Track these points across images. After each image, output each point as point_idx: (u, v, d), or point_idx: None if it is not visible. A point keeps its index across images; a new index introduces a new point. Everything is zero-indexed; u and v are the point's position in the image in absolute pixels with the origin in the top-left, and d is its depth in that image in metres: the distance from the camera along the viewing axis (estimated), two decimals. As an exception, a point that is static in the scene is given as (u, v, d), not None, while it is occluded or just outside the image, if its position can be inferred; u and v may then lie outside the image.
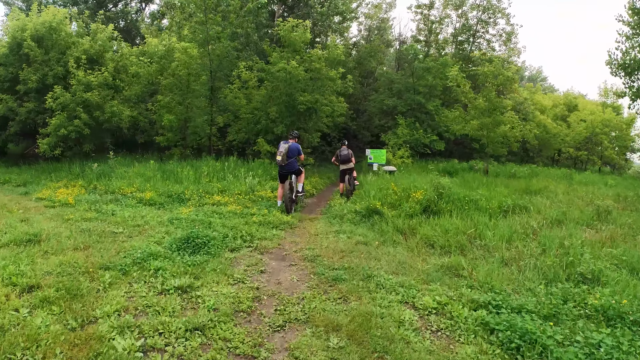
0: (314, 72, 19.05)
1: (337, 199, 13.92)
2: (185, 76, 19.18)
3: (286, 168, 11.34)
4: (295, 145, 11.47)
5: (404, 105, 28.29)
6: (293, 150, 11.35)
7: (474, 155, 31.46)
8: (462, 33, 36.10)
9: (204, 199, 12.25)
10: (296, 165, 11.53)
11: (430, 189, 11.46)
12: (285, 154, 11.20)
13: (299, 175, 12.00)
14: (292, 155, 11.35)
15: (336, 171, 25.54)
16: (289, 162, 11.33)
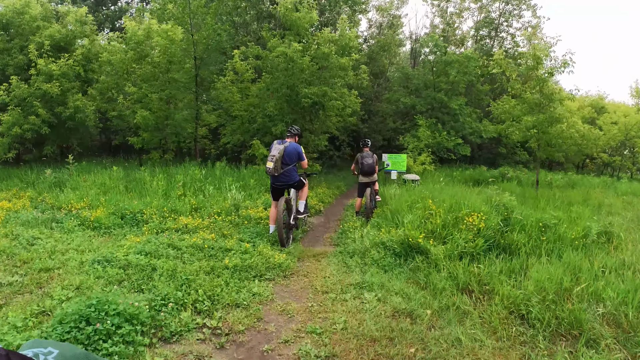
0: (321, 59, 15.61)
1: (352, 218, 10.49)
2: (164, 64, 15.79)
3: (281, 179, 7.98)
4: (295, 146, 8.06)
5: (424, 104, 24.79)
6: (291, 153, 7.97)
7: (499, 161, 27.96)
8: (483, 27, 32.60)
9: (167, 222, 8.82)
10: (296, 175, 8.15)
11: (491, 212, 7.99)
12: (279, 159, 7.81)
13: (301, 189, 8.61)
14: (290, 160, 7.98)
15: (348, 177, 22.24)
16: (286, 171, 7.95)
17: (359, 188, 10.71)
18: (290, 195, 8.52)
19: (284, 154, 7.85)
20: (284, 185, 8.00)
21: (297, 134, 8.30)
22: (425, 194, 10.96)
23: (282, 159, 7.84)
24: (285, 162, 7.87)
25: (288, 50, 14.72)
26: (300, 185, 8.34)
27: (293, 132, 8.25)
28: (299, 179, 8.15)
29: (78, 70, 17.24)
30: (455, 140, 22.66)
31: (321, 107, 16.53)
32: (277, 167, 7.73)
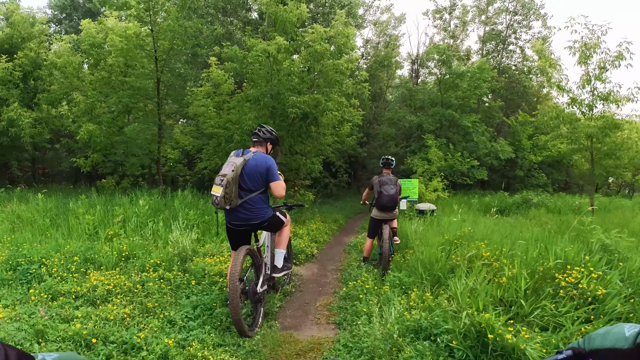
0: (313, 60, 12.49)
1: (359, 268, 7.17)
2: (120, 67, 12.66)
3: (241, 215, 4.72)
4: (262, 159, 4.78)
5: (432, 122, 21.69)
6: (255, 171, 4.73)
7: (513, 185, 24.83)
8: (489, 40, 29.90)
9: (70, 281, 5.56)
10: (266, 209, 4.85)
11: (596, 262, 4.80)
12: (233, 182, 4.57)
13: (278, 230, 5.29)
14: (254, 183, 4.73)
15: (346, 208, 18.71)
16: (248, 202, 4.70)
17: (372, 226, 7.43)
18: (260, 241, 5.26)
19: (242, 172, 4.66)
20: (246, 226, 4.76)
21: (269, 139, 5.05)
22: (464, 232, 7.70)
23: (239, 182, 4.63)
24: (245, 187, 4.67)
25: (270, 48, 11.58)
26: (275, 224, 5.06)
27: (262, 137, 5.01)
28: (271, 215, 4.88)
29: (17, 76, 14.06)
30: (470, 162, 19.49)
31: (313, 121, 13.35)
32: (229, 195, 4.52)
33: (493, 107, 24.60)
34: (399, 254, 7.54)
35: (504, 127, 27.46)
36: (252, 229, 4.80)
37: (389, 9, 32.07)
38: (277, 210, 5.15)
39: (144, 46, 12.08)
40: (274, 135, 5.06)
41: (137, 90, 12.30)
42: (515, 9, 28.94)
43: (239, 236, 4.83)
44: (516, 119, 25.12)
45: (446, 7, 30.41)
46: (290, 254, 6.18)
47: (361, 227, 14.01)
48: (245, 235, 4.85)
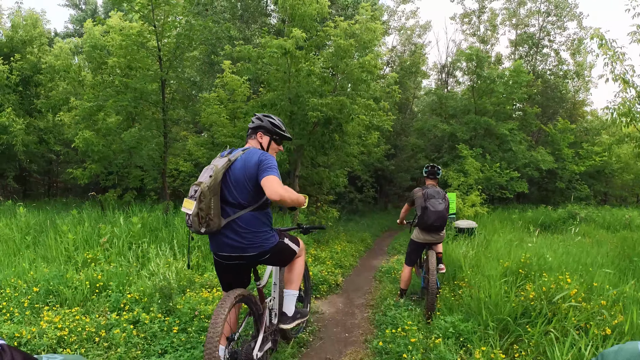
0: (336, 55, 11.01)
1: (398, 307, 5.56)
2: (122, 69, 11.43)
3: (228, 242, 3.16)
4: (253, 154, 3.24)
5: (466, 130, 19.96)
6: (243, 174, 3.18)
7: (553, 198, 22.81)
8: (521, 44, 28.04)
9: (18, 320, 4.19)
10: (266, 235, 3.25)
11: None
12: (210, 192, 3.05)
13: (288, 262, 3.69)
14: (245, 195, 3.18)
15: (373, 225, 17.00)
16: (235, 223, 3.15)
17: (412, 251, 5.85)
18: (264, 279, 3.76)
19: (226, 178, 3.20)
20: (238, 259, 3.23)
21: (261, 127, 3.49)
22: (528, 258, 6.06)
23: (221, 192, 3.16)
24: (232, 200, 3.18)
25: (287, 44, 10.15)
26: (282, 255, 3.52)
27: (259, 126, 3.49)
28: (276, 242, 3.32)
29: (14, 80, 12.96)
30: (510, 174, 17.68)
31: (337, 128, 11.84)
32: (205, 212, 3.05)
33: (529, 114, 22.74)
34: (446, 286, 5.94)
35: (541, 136, 25.56)
36: (248, 263, 3.29)
37: (414, 13, 30.65)
38: (285, 235, 3.61)
39: (146, 44, 10.78)
40: (267, 122, 3.48)
41: (139, 94, 10.99)
42: (547, 9, 27.15)
43: (231, 273, 3.34)
44: (555, 126, 23.20)
45: (474, 10, 28.80)
46: (307, 292, 4.63)
47: (391, 247, 12.40)
48: (239, 271, 3.35)
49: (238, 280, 3.37)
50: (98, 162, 11.73)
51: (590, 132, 25.52)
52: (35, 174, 18.89)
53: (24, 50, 14.92)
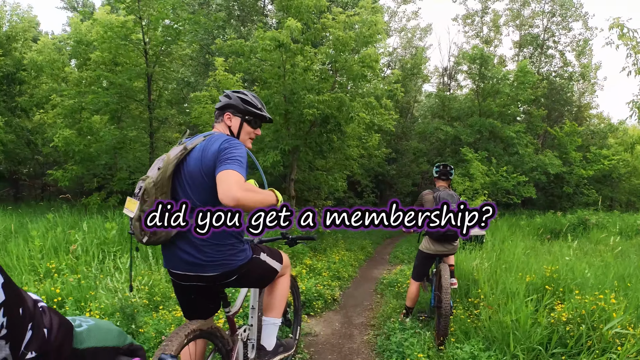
0: (335, 48, 10.25)
1: (404, 329, 4.74)
2: (107, 63, 10.68)
3: (183, 259, 2.35)
4: (215, 140, 2.37)
5: (470, 133, 19.18)
6: (200, 165, 2.34)
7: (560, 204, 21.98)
8: (525, 45, 27.32)
9: None
10: (235, 249, 2.42)
11: None
12: (153, 190, 2.27)
13: (267, 283, 2.88)
14: (204, 194, 2.34)
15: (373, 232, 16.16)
16: (191, 230, 2.29)
17: (420, 264, 5.02)
18: (236, 304, 2.97)
19: (181, 172, 2.41)
20: (197, 280, 2.42)
21: (228, 105, 2.63)
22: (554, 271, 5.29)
23: (172, 191, 2.38)
24: (191, 196, 2.37)
25: (281, 36, 9.40)
26: (259, 275, 2.70)
27: (226, 105, 2.63)
28: (249, 259, 2.50)
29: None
30: (517, 178, 16.89)
31: (335, 128, 11.08)
32: (138, 212, 2.32)
33: (536, 117, 21.99)
34: (459, 304, 5.15)
35: (547, 139, 24.82)
36: (212, 285, 2.50)
37: (416, 14, 30.03)
38: (263, 248, 2.78)
39: (130, 36, 10.02)
40: (236, 98, 2.62)
41: (123, 91, 10.22)
42: (552, 10, 26.45)
43: (191, 297, 2.55)
44: (561, 129, 22.45)
45: (477, 10, 28.13)
46: (297, 315, 3.83)
47: (393, 255, 11.60)
48: (201, 295, 2.56)
49: (201, 306, 2.59)
50: (80, 164, 10.95)
51: (597, 135, 24.79)
52: (24, 176, 18.13)
53: (9, 46, 14.20)
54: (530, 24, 27.33)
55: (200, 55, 20.02)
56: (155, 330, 3.90)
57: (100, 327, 1.03)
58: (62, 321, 0.91)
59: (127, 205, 2.34)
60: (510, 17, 28.27)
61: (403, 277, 7.46)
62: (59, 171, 10.95)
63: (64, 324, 0.91)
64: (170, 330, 3.96)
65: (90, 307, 4.45)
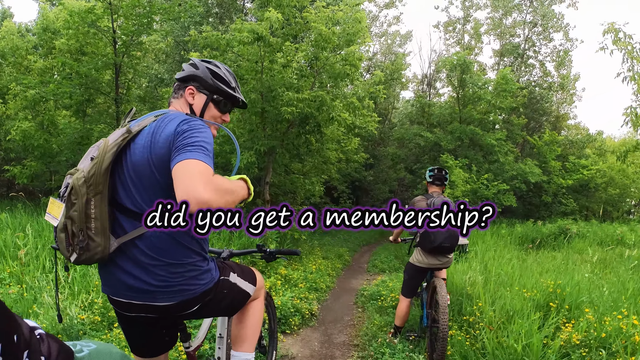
0: (317, 45, 9.71)
1: (393, 353, 4.19)
2: (73, 52, 9.96)
3: (125, 283, 1.76)
4: (170, 120, 1.78)
5: (451, 140, 18.87)
6: (149, 154, 1.73)
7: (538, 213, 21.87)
8: (507, 54, 27.32)
9: None
10: (195, 269, 1.83)
11: None
12: (83, 190, 1.67)
13: (237, 310, 2.25)
14: (153, 192, 1.73)
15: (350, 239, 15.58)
16: (137, 247, 1.74)
17: (411, 278, 4.48)
18: (194, 341, 2.36)
19: (125, 162, 1.79)
20: (148, 311, 1.82)
21: (205, 83, 2.03)
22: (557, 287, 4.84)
23: (111, 190, 1.77)
24: (129, 203, 1.77)
25: (260, 28, 8.82)
26: (227, 301, 2.08)
27: (190, 76, 2.03)
28: (214, 281, 1.92)
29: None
30: (498, 186, 16.60)
31: (315, 129, 10.52)
32: (79, 227, 1.68)
33: (516, 125, 21.89)
34: (453, 322, 4.64)
35: (525, 148, 24.81)
36: (165, 317, 1.92)
37: (398, 19, 29.76)
38: (234, 266, 2.20)
39: (97, 22, 9.29)
40: (204, 69, 2.05)
41: (89, 81, 9.49)
42: (534, 20, 26.52)
43: (139, 330, 1.98)
44: (540, 138, 22.41)
45: (459, 18, 28.04)
46: (272, 338, 3.24)
47: (371, 264, 11.09)
48: (153, 327, 1.99)
49: (152, 341, 2.00)
50: (40, 159, 10.13)
51: (575, 145, 24.92)
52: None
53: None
54: (512, 33, 27.38)
55: (175, 52, 19.31)
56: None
57: (101, 352, 1.02)
58: (61, 348, 0.90)
59: (50, 210, 1.79)
60: (492, 26, 28.29)
61: (385, 289, 6.94)
62: (17, 167, 10.10)
63: (63, 351, 0.91)
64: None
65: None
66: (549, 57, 27.48)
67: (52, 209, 1.78)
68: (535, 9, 26.45)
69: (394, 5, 28.36)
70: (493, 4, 27.38)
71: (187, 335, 2.17)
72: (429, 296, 4.41)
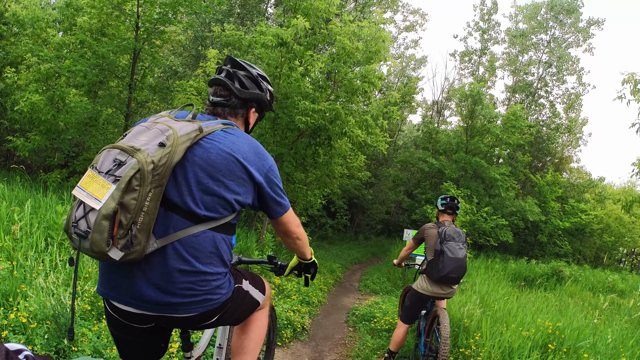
0: (339, 58, 9.66)
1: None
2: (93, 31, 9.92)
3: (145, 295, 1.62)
4: (245, 142, 1.81)
5: (455, 169, 18.87)
6: (219, 165, 1.70)
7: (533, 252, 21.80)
8: (520, 91, 27.42)
9: None
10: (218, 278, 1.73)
11: None
12: (149, 177, 1.53)
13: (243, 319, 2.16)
14: (211, 202, 1.69)
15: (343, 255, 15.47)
16: (175, 247, 1.63)
17: (412, 305, 4.36)
18: (196, 350, 2.24)
19: (187, 161, 1.69)
20: (160, 321, 1.74)
21: (263, 103, 2.08)
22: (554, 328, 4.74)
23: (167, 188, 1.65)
24: (182, 205, 1.66)
25: (285, 34, 8.78)
26: (238, 310, 2.00)
27: (254, 98, 2.00)
28: (231, 292, 1.84)
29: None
30: (497, 221, 16.54)
31: (325, 142, 10.43)
32: (131, 219, 1.50)
33: (520, 162, 21.92)
34: (451, 355, 4.53)
35: (526, 186, 24.83)
36: (174, 326, 1.84)
37: (416, 43, 29.85)
38: (245, 274, 2.11)
39: (122, 5, 9.23)
40: (267, 88, 2.07)
41: (105, 62, 9.43)
42: (549, 60, 26.67)
43: (137, 340, 1.86)
44: (543, 177, 22.45)
45: (476, 49, 28.15)
46: (269, 353, 3.11)
47: (363, 284, 10.96)
48: (152, 337, 1.88)
49: (149, 347, 1.89)
50: (45, 135, 10.02)
51: (576, 188, 24.96)
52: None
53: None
54: (526, 71, 27.49)
55: (193, 46, 19.31)
56: (93, 349, 3.15)
57: None
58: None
59: (86, 185, 1.51)
60: (507, 62, 28.45)
61: (378, 311, 6.83)
62: (20, 139, 9.97)
63: None
64: (112, 352, 3.21)
65: (18, 307, 3.66)
66: (560, 99, 27.71)
67: (89, 184, 1.51)
68: (552, 50, 26.61)
69: (414, 29, 28.50)
70: (511, 40, 27.55)
71: (189, 345, 2.07)
72: (427, 324, 4.31)
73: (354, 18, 12.61)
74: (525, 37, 26.89)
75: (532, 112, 27.03)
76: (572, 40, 27.19)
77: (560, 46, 26.52)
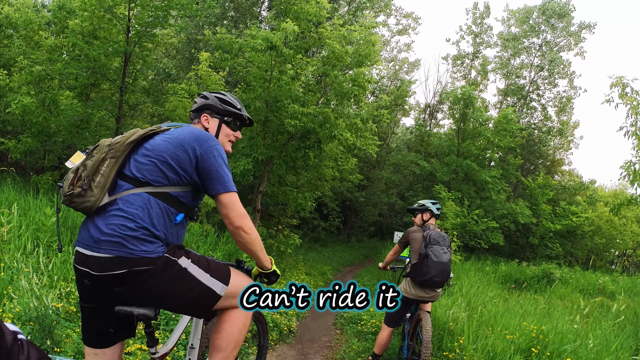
0: (328, 62, 9.74)
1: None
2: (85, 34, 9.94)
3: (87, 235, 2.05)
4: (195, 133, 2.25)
5: (446, 172, 18.99)
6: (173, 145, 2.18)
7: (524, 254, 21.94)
8: (511, 94, 27.58)
9: None
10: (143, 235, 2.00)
11: None
12: (105, 149, 2.15)
13: (203, 315, 2.31)
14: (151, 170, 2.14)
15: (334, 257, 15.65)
16: (116, 202, 2.06)
17: (398, 310, 4.43)
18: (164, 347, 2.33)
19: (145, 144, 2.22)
20: (87, 265, 1.99)
21: (215, 109, 2.45)
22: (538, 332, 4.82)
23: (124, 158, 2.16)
24: (130, 174, 2.13)
25: (274, 37, 8.83)
26: (179, 291, 2.08)
27: (203, 106, 2.45)
28: (154, 255, 2.01)
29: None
30: (488, 223, 16.65)
31: (315, 145, 10.49)
32: (89, 173, 2.05)
33: (512, 165, 22.04)
34: (435, 358, 4.59)
35: (518, 189, 24.97)
36: (100, 283, 2.00)
37: (409, 46, 30.01)
38: (191, 255, 2.21)
39: (114, 8, 9.27)
40: (214, 98, 2.46)
41: (97, 66, 9.45)
42: (541, 64, 26.86)
43: (90, 311, 2.10)
44: (534, 180, 22.60)
45: (469, 53, 28.30)
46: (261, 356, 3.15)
47: (354, 286, 11.00)
48: (99, 302, 2.08)
49: (97, 327, 2.10)
50: (36, 137, 10.04)
51: (567, 191, 25.12)
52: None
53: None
54: (518, 75, 27.63)
55: (186, 49, 19.32)
56: (76, 350, 3.19)
57: None
58: (40, 357, 0.88)
59: (73, 159, 2.19)
60: (499, 65, 28.57)
61: (367, 315, 6.88)
62: (12, 141, 9.98)
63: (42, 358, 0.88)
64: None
65: (4, 308, 3.70)
66: (552, 102, 27.83)
67: (75, 158, 2.17)
68: (543, 53, 26.78)
69: (407, 32, 28.64)
70: (503, 43, 27.70)
71: (154, 340, 2.16)
72: (411, 328, 4.37)
73: (344, 22, 12.71)
74: (517, 41, 27.05)
75: (523, 115, 27.17)
76: (563, 44, 27.38)
77: (552, 50, 26.70)
